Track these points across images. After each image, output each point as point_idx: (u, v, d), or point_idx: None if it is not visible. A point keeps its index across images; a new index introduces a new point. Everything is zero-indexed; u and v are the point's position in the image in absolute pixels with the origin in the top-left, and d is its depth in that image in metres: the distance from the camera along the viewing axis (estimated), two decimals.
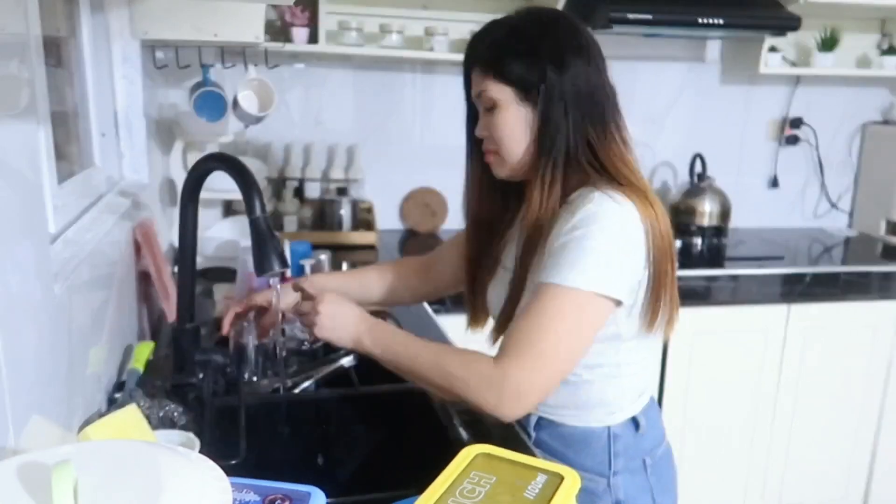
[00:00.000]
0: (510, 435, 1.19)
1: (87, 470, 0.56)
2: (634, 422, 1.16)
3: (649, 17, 2.37)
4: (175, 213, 1.85)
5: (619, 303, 1.05)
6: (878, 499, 2.68)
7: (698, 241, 2.80)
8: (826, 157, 3.12)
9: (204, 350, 1.28)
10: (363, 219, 2.65)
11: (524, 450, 1.14)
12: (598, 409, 1.14)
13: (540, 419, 1.18)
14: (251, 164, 2.27)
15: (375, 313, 1.76)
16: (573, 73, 1.09)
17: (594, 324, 1.05)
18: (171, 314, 1.41)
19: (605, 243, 1.02)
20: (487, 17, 1.22)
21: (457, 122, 2.85)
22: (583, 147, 1.10)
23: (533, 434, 1.19)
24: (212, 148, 2.13)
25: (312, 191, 2.63)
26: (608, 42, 3.13)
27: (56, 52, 1.29)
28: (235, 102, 1.91)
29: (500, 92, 1.11)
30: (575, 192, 1.09)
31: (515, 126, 1.11)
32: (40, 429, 0.77)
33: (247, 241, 1.20)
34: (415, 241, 2.70)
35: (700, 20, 2.40)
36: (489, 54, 1.12)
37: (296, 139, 2.64)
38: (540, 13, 1.15)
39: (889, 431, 2.62)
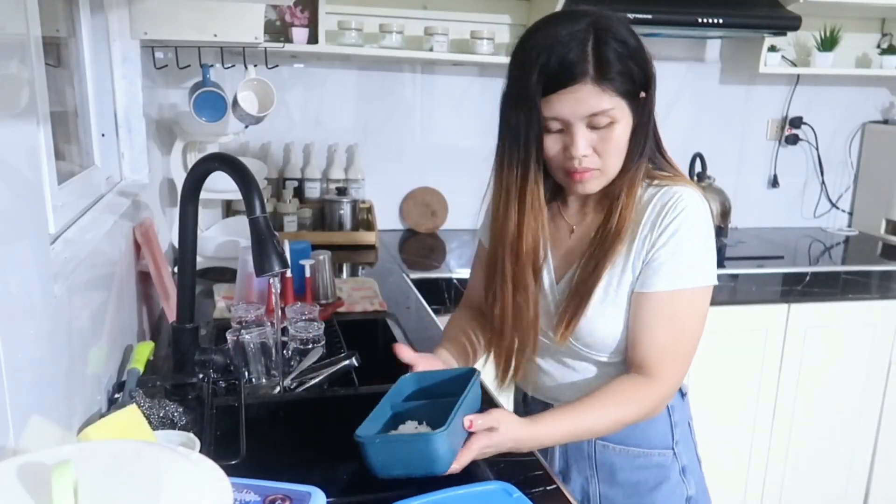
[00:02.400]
0: None
1: (87, 470, 0.56)
2: (680, 390, 1.22)
3: (649, 16, 2.37)
4: (175, 213, 1.85)
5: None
6: (878, 499, 2.68)
7: None
8: (826, 156, 3.12)
9: (204, 350, 1.28)
10: (363, 219, 2.65)
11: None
12: None
13: None
14: (251, 164, 2.27)
15: (375, 312, 1.77)
16: (655, 78, 1.09)
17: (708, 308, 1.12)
18: (171, 314, 1.41)
19: (705, 236, 1.08)
20: (487, 17, 1.20)
21: (456, 122, 2.86)
22: (656, 145, 1.13)
23: None
24: (212, 148, 2.13)
25: (312, 191, 2.63)
26: None
27: (56, 52, 1.29)
28: (235, 102, 1.91)
29: (619, 107, 1.04)
30: (638, 189, 1.11)
31: (628, 138, 1.07)
32: (40, 429, 0.77)
33: (247, 241, 1.20)
34: (415, 241, 2.70)
35: (700, 20, 2.40)
36: (606, 69, 1.01)
37: (296, 139, 2.65)
38: (612, 17, 1.06)
39: (889, 431, 2.62)
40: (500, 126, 1.16)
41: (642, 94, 1.07)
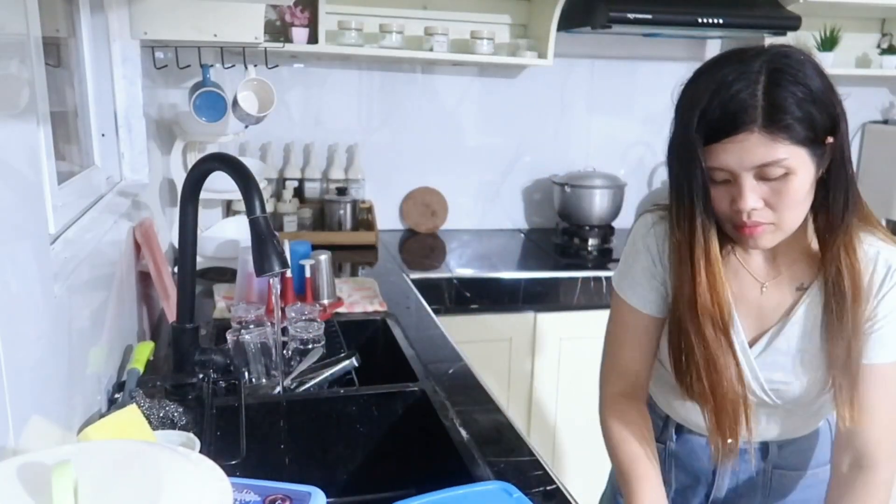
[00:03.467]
0: (508, 435, 1.19)
1: (87, 470, 0.56)
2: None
3: (649, 16, 2.37)
4: (175, 213, 1.85)
5: None
6: None
7: None
8: None
9: (204, 350, 1.29)
10: (363, 219, 2.65)
11: (524, 450, 1.14)
12: (825, 410, 1.17)
13: (779, 444, 1.18)
14: (251, 164, 2.27)
15: (375, 312, 1.77)
16: (846, 119, 0.97)
17: None
18: (171, 314, 1.41)
19: None
20: (487, 17, 1.18)
21: (456, 122, 2.85)
22: (856, 199, 1.02)
23: (775, 459, 1.18)
24: (212, 148, 2.13)
25: (312, 191, 2.63)
26: (608, 42, 3.13)
27: (56, 52, 1.29)
28: (235, 102, 1.91)
29: (797, 157, 0.93)
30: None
31: (809, 190, 0.97)
32: (40, 429, 0.77)
33: (247, 241, 1.20)
34: (415, 241, 2.70)
35: (700, 20, 2.40)
36: (779, 116, 0.91)
37: (296, 139, 2.65)
38: (787, 52, 0.95)
39: None
40: (668, 177, 1.05)
41: (829, 140, 0.96)
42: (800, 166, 0.93)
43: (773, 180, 0.94)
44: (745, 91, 0.91)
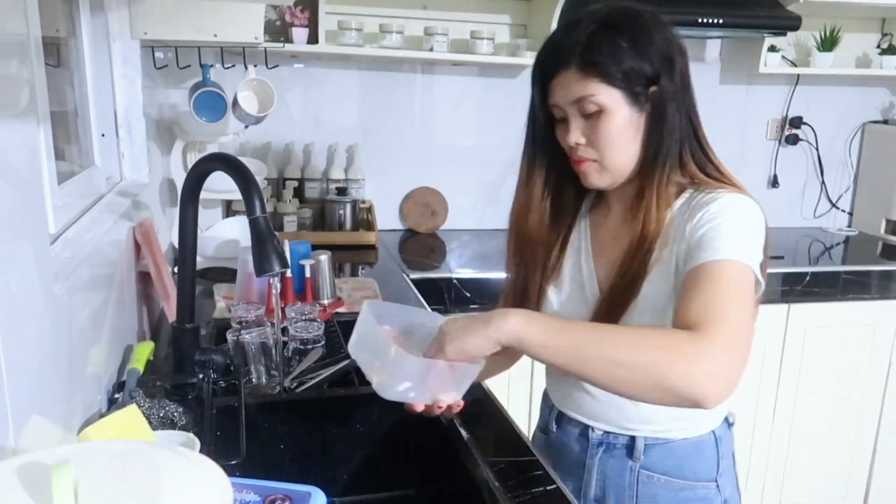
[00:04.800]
0: (508, 435, 1.19)
1: (87, 470, 0.56)
2: (727, 420, 1.19)
3: None
4: (175, 213, 1.85)
5: (758, 284, 0.98)
6: (878, 499, 2.68)
7: None
8: (826, 156, 3.12)
9: (204, 350, 1.28)
10: (363, 219, 2.65)
11: (524, 450, 1.14)
12: (707, 415, 1.13)
13: (647, 441, 1.15)
14: (251, 164, 2.27)
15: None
16: (679, 70, 1.04)
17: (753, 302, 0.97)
18: (171, 314, 1.41)
19: (749, 224, 1.00)
20: (487, 17, 1.20)
21: (456, 122, 2.86)
22: (695, 147, 1.06)
23: (641, 458, 1.15)
24: (212, 148, 2.13)
25: (312, 191, 2.63)
26: None
27: (56, 52, 1.29)
28: (235, 102, 1.91)
29: (608, 95, 1.01)
30: (677, 197, 1.06)
31: (625, 131, 1.03)
32: (40, 429, 0.77)
33: (247, 241, 1.20)
34: (415, 241, 2.70)
35: (700, 20, 2.40)
36: (592, 55, 1.00)
37: (296, 139, 2.65)
38: (624, 9, 1.04)
39: (889, 431, 2.62)
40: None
41: (653, 89, 1.02)
42: (613, 106, 1.01)
43: (590, 117, 1.03)
44: (574, 35, 1.02)
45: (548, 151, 1.11)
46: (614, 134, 1.03)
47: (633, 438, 1.15)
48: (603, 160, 1.05)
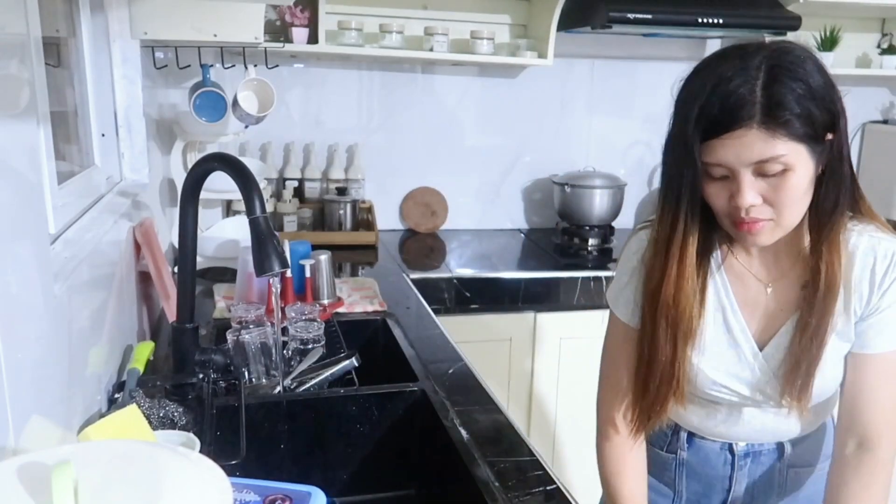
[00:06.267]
0: (508, 435, 1.19)
1: (87, 470, 0.56)
2: None
3: (649, 16, 2.37)
4: (175, 213, 1.85)
5: None
6: None
7: None
8: None
9: (204, 350, 1.28)
10: (363, 219, 2.65)
11: (524, 450, 1.14)
12: (833, 402, 1.17)
13: (793, 442, 1.18)
14: (251, 164, 2.27)
15: (375, 313, 1.77)
16: (845, 117, 0.97)
17: None
18: (171, 314, 1.41)
19: None
20: (487, 17, 1.17)
21: (456, 122, 2.85)
22: (852, 189, 1.02)
23: (789, 459, 1.18)
24: (212, 148, 2.13)
25: (312, 191, 2.63)
26: (608, 42, 3.12)
27: (56, 52, 1.29)
28: (235, 102, 1.91)
29: (796, 154, 0.92)
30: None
31: (809, 187, 0.96)
32: (40, 429, 0.77)
33: (247, 241, 1.20)
34: (415, 241, 2.70)
35: (700, 20, 2.40)
36: (778, 111, 0.90)
37: (296, 139, 2.65)
38: (788, 48, 0.95)
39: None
40: (661, 174, 1.04)
41: (829, 137, 0.95)
42: (798, 163, 0.93)
43: (772, 176, 0.93)
44: (745, 86, 0.91)
45: (700, 214, 1.01)
46: (800, 192, 0.95)
47: (780, 443, 1.18)
48: (780, 219, 0.97)
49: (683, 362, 1.06)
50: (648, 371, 1.08)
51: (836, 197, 0.99)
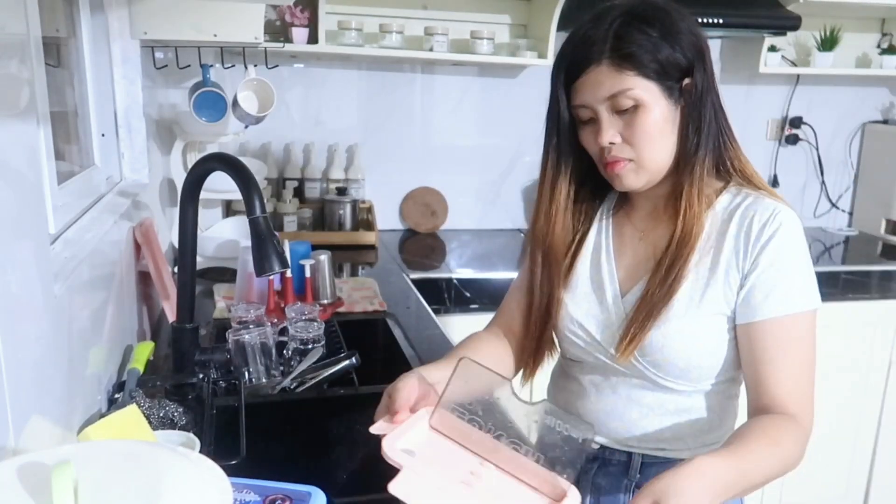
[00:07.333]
0: None
1: (87, 470, 0.56)
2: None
3: None
4: (175, 213, 1.85)
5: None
6: (878, 499, 2.68)
7: None
8: (826, 156, 3.12)
9: (204, 350, 1.29)
10: (363, 219, 2.65)
11: None
12: (708, 435, 1.08)
13: (644, 459, 1.09)
14: (251, 164, 2.27)
15: (375, 312, 1.77)
16: (710, 64, 0.99)
17: None
18: (171, 314, 1.41)
19: (807, 256, 0.99)
20: (487, 17, 1.17)
21: (456, 122, 2.85)
22: (727, 146, 1.03)
23: (637, 477, 1.09)
24: (212, 148, 2.13)
25: (312, 191, 2.63)
26: None
27: (56, 52, 1.29)
28: (235, 102, 1.91)
29: (645, 89, 0.96)
30: (716, 197, 1.03)
31: (663, 126, 0.98)
32: (40, 429, 0.77)
33: (247, 241, 1.20)
34: (415, 241, 2.70)
35: (700, 20, 2.40)
36: (625, 47, 0.95)
37: (296, 139, 2.65)
38: (649, 2, 0.99)
39: (889, 431, 2.62)
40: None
41: (686, 81, 0.98)
42: (650, 100, 0.96)
43: (626, 113, 0.97)
44: (598, 31, 0.97)
45: (572, 156, 1.06)
46: (652, 130, 0.98)
47: (629, 455, 1.09)
48: (640, 159, 0.99)
49: (556, 297, 1.11)
50: (529, 305, 1.14)
51: (697, 141, 1.00)
